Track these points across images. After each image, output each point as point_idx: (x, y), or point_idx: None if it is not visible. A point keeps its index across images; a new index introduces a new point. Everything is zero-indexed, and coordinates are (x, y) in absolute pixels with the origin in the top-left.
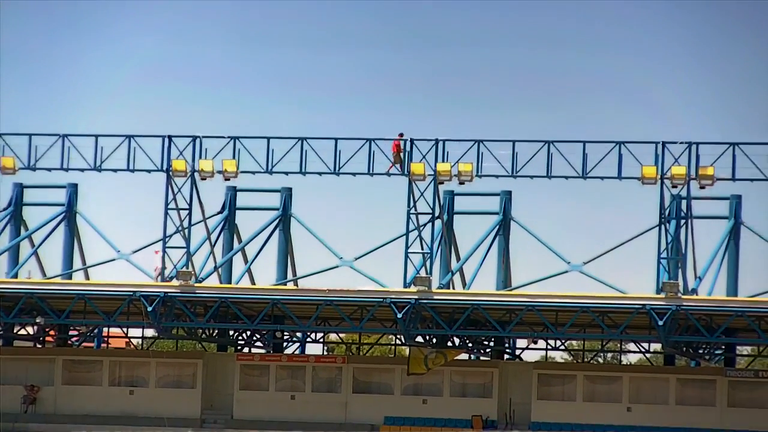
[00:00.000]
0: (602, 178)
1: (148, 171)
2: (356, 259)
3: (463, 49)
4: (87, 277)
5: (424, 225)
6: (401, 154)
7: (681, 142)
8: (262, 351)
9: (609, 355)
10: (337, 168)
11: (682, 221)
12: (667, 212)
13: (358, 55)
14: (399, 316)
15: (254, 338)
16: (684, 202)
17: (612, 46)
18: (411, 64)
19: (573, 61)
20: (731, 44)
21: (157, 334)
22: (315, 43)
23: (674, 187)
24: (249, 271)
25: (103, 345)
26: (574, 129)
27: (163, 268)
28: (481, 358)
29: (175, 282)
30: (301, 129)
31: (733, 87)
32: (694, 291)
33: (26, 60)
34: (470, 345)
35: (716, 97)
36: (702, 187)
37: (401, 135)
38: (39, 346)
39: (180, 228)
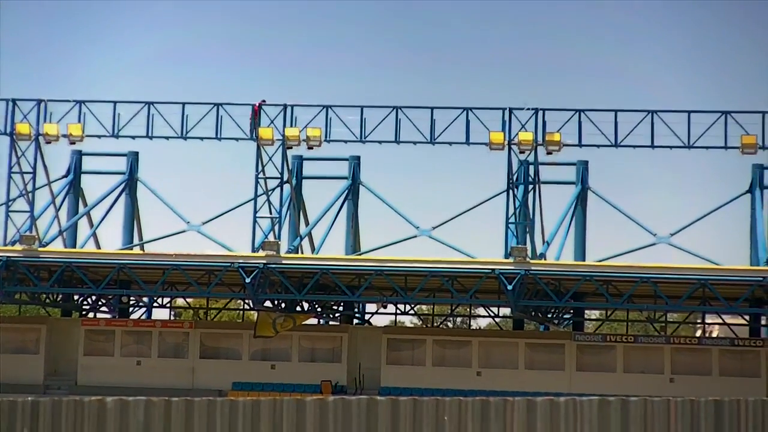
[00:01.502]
0: (450, 143)
1: None
2: (204, 223)
3: (312, 13)
4: None
5: (273, 189)
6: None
7: (527, 108)
8: (108, 316)
9: (458, 319)
10: (184, 132)
11: (530, 186)
12: (515, 178)
13: (208, 19)
14: (247, 280)
15: (99, 303)
16: (531, 168)
17: (464, 11)
18: (261, 29)
19: (426, 27)
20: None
21: None
22: (164, 8)
23: (522, 152)
24: (94, 235)
25: None
26: (425, 95)
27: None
28: (331, 323)
29: (18, 246)
30: (148, 94)
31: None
32: (543, 255)
33: None
34: (319, 310)
35: (565, 65)
36: (549, 153)
37: (263, 101)
38: None
39: (24, 192)
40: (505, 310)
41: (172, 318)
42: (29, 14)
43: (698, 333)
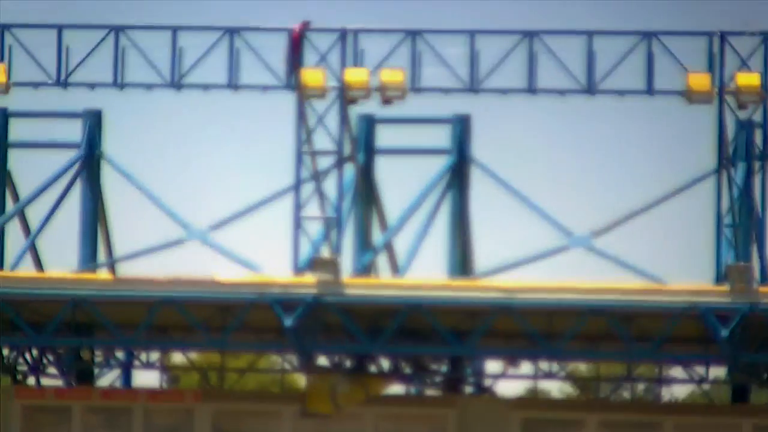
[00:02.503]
0: (621, 92)
1: None
2: (213, 228)
3: None
4: None
5: (326, 172)
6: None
7: (751, 33)
8: (59, 383)
9: (640, 386)
10: (176, 77)
11: (758, 165)
12: (731, 150)
13: None
14: (288, 323)
15: (44, 362)
16: (759, 133)
17: None
18: None
19: None
20: None
21: None
22: None
23: (742, 107)
24: (33, 248)
25: None
26: (573, 14)
27: None
28: (427, 391)
29: None
30: (117, 15)
31: None
32: None
33: None
34: (408, 370)
35: None
36: None
37: (306, 23)
38: None
39: None
40: (718, 371)
41: (165, 385)
42: None
43: None
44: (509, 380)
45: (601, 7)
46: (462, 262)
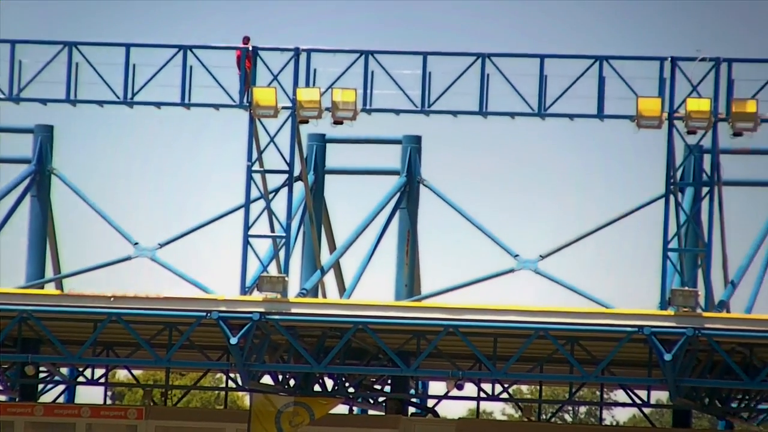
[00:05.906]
0: (570, 116)
1: None
2: (162, 246)
3: None
4: None
5: (276, 191)
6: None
7: (702, 59)
8: (2, 398)
9: (582, 409)
10: (129, 95)
11: (704, 190)
12: (679, 175)
13: None
14: (233, 341)
15: None
16: (707, 159)
17: None
18: None
19: None
20: None
21: None
22: None
23: (691, 133)
24: None
25: None
26: (524, 37)
27: None
28: (371, 412)
29: None
30: (70, 31)
31: None
32: (724, 305)
33: None
34: (352, 390)
35: None
36: (737, 134)
37: (247, 39)
38: None
39: None
40: (660, 394)
41: (110, 402)
42: None
43: None
44: (453, 401)
45: (553, 31)
46: (410, 283)
